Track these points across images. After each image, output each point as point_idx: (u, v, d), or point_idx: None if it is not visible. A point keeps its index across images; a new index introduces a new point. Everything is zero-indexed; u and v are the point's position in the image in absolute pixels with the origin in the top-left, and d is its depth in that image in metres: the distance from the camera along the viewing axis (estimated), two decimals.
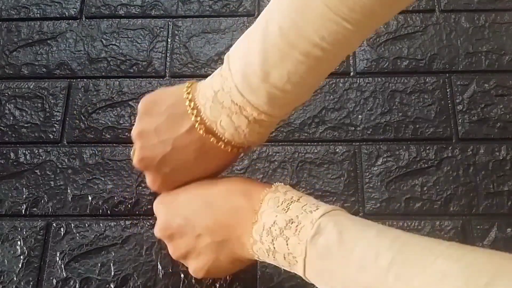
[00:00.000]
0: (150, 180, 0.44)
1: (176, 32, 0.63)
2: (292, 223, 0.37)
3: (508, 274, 0.28)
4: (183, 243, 0.43)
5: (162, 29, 0.63)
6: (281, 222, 0.37)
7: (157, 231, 0.44)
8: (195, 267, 0.43)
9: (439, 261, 0.30)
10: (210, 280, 0.49)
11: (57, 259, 0.51)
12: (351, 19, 0.34)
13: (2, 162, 0.56)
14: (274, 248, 0.38)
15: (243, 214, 0.40)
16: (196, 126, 0.40)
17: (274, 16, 0.37)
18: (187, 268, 0.44)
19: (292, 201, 0.39)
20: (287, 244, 0.37)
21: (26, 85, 0.60)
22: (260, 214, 0.39)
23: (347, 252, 0.34)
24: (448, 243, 0.32)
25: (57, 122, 0.58)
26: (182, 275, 0.50)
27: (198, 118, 0.40)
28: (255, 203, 0.40)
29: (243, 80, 0.38)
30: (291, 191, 0.40)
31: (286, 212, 0.38)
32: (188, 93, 0.41)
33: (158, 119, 0.42)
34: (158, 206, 0.45)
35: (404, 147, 0.55)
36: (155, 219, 0.53)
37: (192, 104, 0.40)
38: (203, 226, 0.41)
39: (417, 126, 0.56)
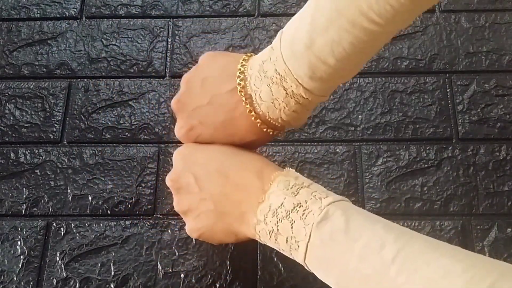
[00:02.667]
0: (178, 126, 0.45)
1: (176, 32, 0.63)
2: (300, 207, 0.37)
3: (511, 277, 0.28)
4: (187, 200, 0.43)
5: (162, 29, 0.63)
6: (288, 205, 0.38)
7: (168, 180, 0.44)
8: (192, 226, 0.44)
9: (443, 259, 0.30)
10: (210, 280, 0.49)
11: (57, 259, 0.51)
12: None
13: (2, 162, 0.56)
14: (278, 230, 0.38)
15: (251, 192, 0.40)
16: (238, 89, 0.41)
17: None
18: (187, 268, 0.44)
19: (302, 186, 0.39)
20: (291, 227, 0.37)
21: (26, 85, 0.60)
22: (268, 195, 0.39)
23: (352, 240, 0.34)
24: (451, 245, 0.32)
25: (57, 122, 0.58)
26: (182, 275, 0.50)
27: (242, 83, 0.41)
28: (265, 182, 0.40)
29: (289, 48, 0.38)
30: (302, 177, 0.41)
31: (295, 196, 0.38)
32: (244, 60, 0.42)
33: (209, 72, 0.44)
34: (177, 156, 0.45)
35: (404, 147, 0.55)
36: (155, 218, 0.53)
37: (241, 69, 0.42)
38: (210, 191, 0.42)
39: (417, 126, 0.56)
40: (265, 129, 0.42)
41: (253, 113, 0.41)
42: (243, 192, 0.41)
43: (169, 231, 0.52)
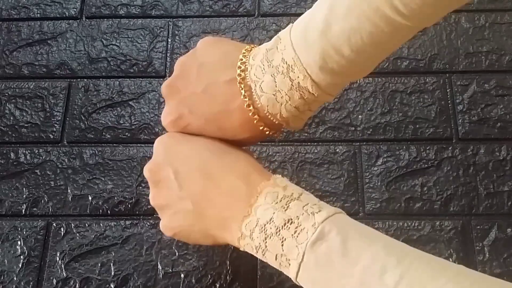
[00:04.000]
0: (165, 112, 0.42)
1: (176, 32, 0.63)
2: (291, 223, 0.34)
3: None
4: (165, 195, 0.40)
5: (162, 29, 0.63)
6: (278, 221, 0.35)
7: (146, 170, 0.41)
8: (166, 224, 0.41)
9: (449, 286, 0.28)
10: (210, 280, 0.49)
11: (57, 259, 0.51)
12: None
13: (2, 162, 0.56)
14: (266, 246, 0.35)
15: (236, 199, 0.37)
16: (237, 80, 0.38)
17: None
18: (187, 268, 0.44)
19: (292, 199, 0.36)
20: (282, 245, 0.34)
21: (26, 85, 0.60)
22: (255, 209, 0.36)
23: (350, 263, 0.32)
24: (456, 267, 0.31)
25: (57, 122, 0.58)
26: (182, 275, 0.50)
27: (242, 74, 0.38)
28: (251, 193, 0.37)
29: (301, 35, 0.36)
30: (291, 186, 0.38)
31: (285, 210, 0.35)
32: (247, 50, 0.40)
33: (207, 58, 0.40)
34: (159, 145, 0.42)
35: (404, 147, 0.55)
36: (155, 218, 0.53)
37: (243, 59, 0.39)
38: (191, 191, 0.39)
39: (417, 126, 0.56)
40: (261, 127, 0.39)
41: (251, 107, 0.38)
42: (227, 197, 0.38)
43: None
